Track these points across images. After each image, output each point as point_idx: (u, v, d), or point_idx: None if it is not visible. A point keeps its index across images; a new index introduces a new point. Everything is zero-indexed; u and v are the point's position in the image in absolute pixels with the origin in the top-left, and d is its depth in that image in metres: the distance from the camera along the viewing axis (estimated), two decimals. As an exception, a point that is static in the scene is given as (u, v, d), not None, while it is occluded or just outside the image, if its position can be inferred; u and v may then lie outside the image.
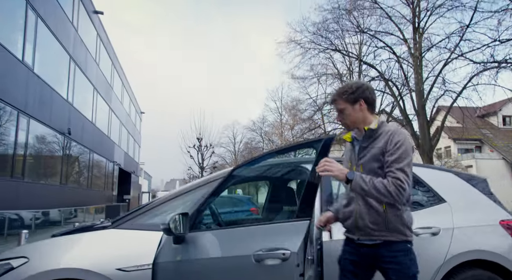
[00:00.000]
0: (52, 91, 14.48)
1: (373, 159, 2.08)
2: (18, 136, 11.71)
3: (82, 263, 2.30)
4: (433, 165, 11.12)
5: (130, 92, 36.02)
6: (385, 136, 2.09)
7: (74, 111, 17.53)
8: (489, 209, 2.99)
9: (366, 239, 2.10)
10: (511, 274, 2.71)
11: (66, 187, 16.65)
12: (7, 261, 2.32)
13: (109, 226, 2.57)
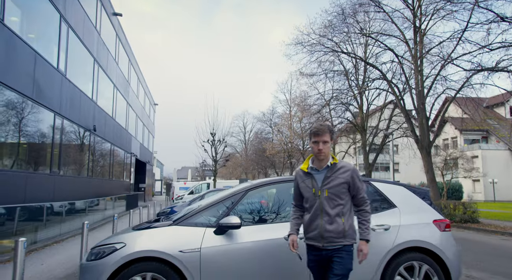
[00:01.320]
0: (80, 93, 15.95)
1: (339, 186, 2.92)
2: (55, 135, 13.22)
3: (158, 246, 3.69)
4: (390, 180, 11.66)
5: (144, 86, 37.47)
6: (347, 171, 2.96)
7: (98, 109, 19.02)
8: (427, 212, 4.33)
9: (329, 245, 2.88)
10: (435, 255, 4.06)
11: (92, 179, 18.25)
12: (113, 245, 3.74)
13: (171, 224, 3.96)
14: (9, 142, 10.38)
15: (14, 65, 9.92)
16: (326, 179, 2.92)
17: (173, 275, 3.64)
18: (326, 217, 2.87)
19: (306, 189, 2.99)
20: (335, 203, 2.88)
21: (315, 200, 2.91)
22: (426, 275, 4.06)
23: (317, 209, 2.90)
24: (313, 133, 2.98)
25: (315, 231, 2.90)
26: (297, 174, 3.13)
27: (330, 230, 2.86)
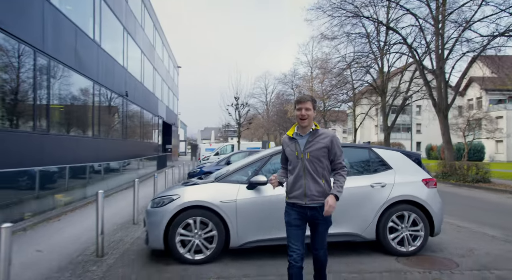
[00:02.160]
0: (113, 61, 17.07)
1: (319, 150, 3.19)
2: (94, 103, 14.54)
3: (205, 197, 4.87)
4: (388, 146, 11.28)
5: (168, 49, 38.26)
6: (327, 137, 3.23)
7: (129, 75, 20.18)
8: (417, 172, 5.34)
9: (312, 203, 3.17)
10: (422, 206, 5.10)
11: (126, 141, 19.78)
12: (170, 196, 4.95)
13: (213, 181, 5.12)
14: (61, 110, 11.69)
15: (60, 39, 11.02)
16: (308, 143, 3.20)
17: (215, 219, 4.83)
18: (309, 177, 3.17)
19: (291, 153, 3.28)
20: (315, 165, 3.15)
21: (298, 162, 3.19)
22: (413, 221, 5.13)
23: (300, 170, 3.18)
24: (297, 101, 3.26)
25: (299, 190, 3.20)
26: (284, 140, 3.45)
27: (313, 189, 3.15)
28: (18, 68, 8.97)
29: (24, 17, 8.88)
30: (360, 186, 5.10)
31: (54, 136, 10.64)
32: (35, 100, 9.52)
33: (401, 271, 4.48)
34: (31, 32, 9.21)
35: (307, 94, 3.37)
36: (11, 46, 8.44)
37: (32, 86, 9.40)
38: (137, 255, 5.25)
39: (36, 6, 9.55)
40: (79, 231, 6.88)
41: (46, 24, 9.98)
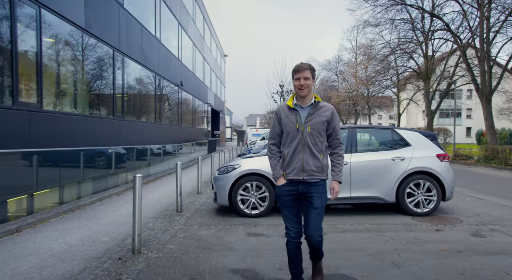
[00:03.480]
0: (171, 55, 18.93)
1: (320, 123, 3.01)
2: (156, 91, 16.45)
3: (259, 167, 6.31)
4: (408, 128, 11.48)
5: (216, 40, 40.04)
6: (328, 110, 3.06)
7: (183, 66, 22.06)
8: (432, 149, 6.45)
9: (309, 178, 2.99)
10: (435, 177, 6.24)
11: (181, 127, 21.78)
12: (233, 165, 6.46)
13: (265, 155, 6.55)
14: (130, 99, 13.62)
15: (131, 38, 12.85)
16: (310, 115, 3.02)
17: (267, 183, 6.28)
18: (308, 151, 2.99)
19: (290, 124, 3.05)
20: (316, 139, 3.00)
21: (297, 135, 3.00)
22: (428, 188, 6.29)
23: (300, 143, 2.99)
24: (295, 70, 3.04)
25: (297, 165, 3.01)
26: (281, 109, 3.17)
27: (312, 164, 2.98)
28: (101, 65, 10.85)
29: (106, 22, 10.70)
30: (383, 159, 6.32)
31: (127, 121, 12.57)
32: (114, 91, 11.42)
33: (412, 224, 5.70)
34: (111, 34, 11.04)
35: (304, 63, 3.06)
36: (98, 47, 10.30)
37: (112, 80, 11.29)
38: (207, 211, 6.84)
39: (114, 12, 11.36)
40: (157, 197, 8.63)
41: (121, 26, 11.80)
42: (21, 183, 6.27)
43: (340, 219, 6.07)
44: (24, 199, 6.34)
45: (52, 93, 7.80)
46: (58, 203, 7.34)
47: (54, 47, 7.78)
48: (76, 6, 8.50)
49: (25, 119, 6.50)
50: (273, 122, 3.24)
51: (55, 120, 7.53)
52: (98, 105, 10.69)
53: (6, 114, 6.04)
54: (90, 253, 4.38)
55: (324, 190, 3.05)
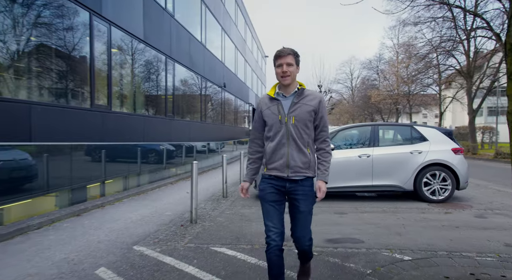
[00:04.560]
0: (215, 59, 20.37)
1: (306, 113, 2.66)
2: (201, 93, 17.91)
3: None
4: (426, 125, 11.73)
5: (257, 41, 41.34)
6: (315, 99, 2.71)
7: (226, 69, 23.47)
8: (448, 143, 7.22)
9: (295, 175, 2.65)
10: (450, 168, 7.02)
11: (223, 126, 23.21)
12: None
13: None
14: (179, 100, 15.13)
15: (180, 46, 14.32)
16: (294, 105, 2.69)
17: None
18: (294, 145, 2.66)
19: (272, 116, 2.72)
20: (301, 131, 2.67)
21: (281, 127, 2.67)
22: (443, 178, 7.08)
23: (283, 137, 2.66)
24: (276, 56, 2.72)
25: (280, 160, 2.67)
26: (262, 101, 2.86)
27: (297, 159, 2.66)
28: (155, 71, 12.35)
29: (159, 33, 12.18)
30: (402, 152, 7.18)
31: (176, 121, 14.05)
32: (166, 93, 12.91)
33: (426, 208, 6.54)
34: (164, 43, 12.52)
35: (286, 47, 2.74)
36: (153, 55, 11.79)
37: (165, 84, 12.78)
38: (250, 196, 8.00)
39: (166, 23, 12.84)
40: (206, 186, 9.93)
41: (172, 35, 13.27)
42: (96, 173, 7.76)
43: (362, 203, 7.02)
44: (98, 186, 7.82)
45: (117, 96, 9.28)
46: (125, 188, 8.81)
47: (119, 57, 9.27)
48: (137, 21, 9.96)
49: (99, 118, 7.98)
50: (254, 117, 2.89)
51: (120, 119, 9.00)
52: (153, 106, 12.19)
53: (86, 114, 7.52)
54: (159, 221, 5.67)
55: (311, 191, 2.70)
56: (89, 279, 3.34)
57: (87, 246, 4.34)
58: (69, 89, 7.30)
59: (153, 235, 4.82)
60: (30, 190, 5.76)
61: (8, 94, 5.60)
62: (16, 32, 5.78)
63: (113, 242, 4.49)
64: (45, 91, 6.50)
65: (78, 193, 7.01)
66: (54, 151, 6.39)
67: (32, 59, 6.19)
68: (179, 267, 3.62)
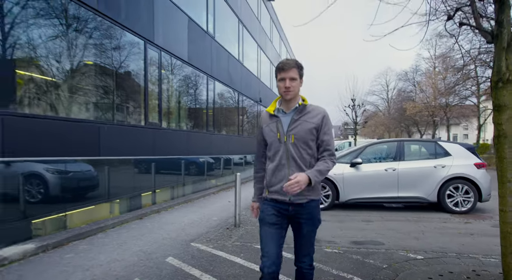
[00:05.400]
0: (251, 74, 21.50)
1: (307, 132, 2.47)
2: (238, 108, 19.00)
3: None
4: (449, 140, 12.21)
5: (291, 54, 42.37)
6: (318, 115, 2.51)
7: (262, 84, 24.56)
8: (470, 158, 7.76)
9: (297, 199, 2.49)
10: (472, 181, 7.54)
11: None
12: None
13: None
14: (219, 115, 16.26)
15: (220, 65, 15.50)
16: (293, 122, 2.52)
17: (330, 184, 8.08)
18: (294, 166, 2.48)
19: (270, 134, 2.57)
20: (301, 151, 2.48)
21: (279, 146, 2.51)
22: (466, 191, 7.61)
23: (283, 157, 2.50)
24: (279, 68, 2.52)
25: (281, 183, 2.49)
26: (263, 118, 2.70)
27: None
28: (197, 89, 13.53)
29: (201, 54, 13.37)
30: (427, 166, 7.79)
31: (216, 135, 15.15)
32: (207, 110, 14.05)
33: (447, 218, 7.11)
34: (205, 63, 13.70)
35: (290, 59, 2.59)
36: (195, 75, 12.97)
37: (206, 101, 13.93)
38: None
39: (208, 44, 14.04)
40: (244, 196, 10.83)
41: (212, 55, 14.46)
42: (148, 183, 8.87)
43: (388, 213, 7.67)
44: (150, 195, 8.93)
45: (165, 114, 10.44)
46: (172, 198, 9.90)
47: (167, 78, 10.45)
48: (182, 45, 11.13)
49: (151, 135, 9.11)
50: (257, 134, 2.75)
51: (168, 135, 10.12)
52: (195, 122, 13.34)
53: (140, 131, 8.66)
54: (207, 225, 6.62)
55: (315, 214, 2.57)
56: (163, 264, 4.31)
57: (155, 241, 5.34)
58: (128, 109, 8.50)
59: (204, 235, 5.76)
60: (95, 198, 6.86)
61: (82, 116, 6.80)
62: (87, 63, 7.02)
63: (174, 239, 5.47)
64: (110, 112, 7.69)
65: (135, 200, 8.11)
66: (112, 163, 7.52)
67: (99, 84, 7.41)
68: (230, 258, 4.52)
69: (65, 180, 5.91)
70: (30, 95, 5.47)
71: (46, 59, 5.79)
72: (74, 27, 6.40)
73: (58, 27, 6.00)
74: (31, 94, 5.50)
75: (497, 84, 2.79)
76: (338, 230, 6.10)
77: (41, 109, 5.68)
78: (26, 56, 5.41)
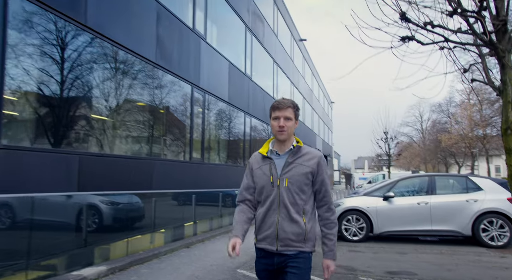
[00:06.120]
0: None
1: (302, 176, 2.31)
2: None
3: (358, 204, 8.55)
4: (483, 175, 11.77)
5: (323, 88, 43.24)
6: (313, 159, 2.35)
7: (294, 118, 25.32)
8: (503, 193, 7.93)
9: (285, 249, 2.28)
10: (507, 216, 7.69)
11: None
12: (338, 202, 8.82)
13: (362, 195, 8.78)
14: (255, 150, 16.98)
15: (255, 102, 16.39)
16: (288, 165, 2.36)
17: (364, 217, 8.44)
18: (284, 213, 2.31)
19: (263, 177, 2.39)
20: (295, 197, 2.32)
21: (272, 190, 2.34)
22: (501, 225, 7.76)
23: (274, 202, 2.33)
24: (274, 107, 2.41)
25: (269, 230, 2.33)
26: (253, 159, 2.53)
27: (288, 230, 2.29)
28: (235, 126, 14.37)
29: (240, 94, 14.30)
30: (459, 201, 8.04)
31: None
32: (244, 144, 14.82)
33: (482, 252, 7.27)
34: (243, 102, 14.60)
35: (286, 98, 2.50)
36: (235, 113, 13.85)
37: (243, 137, 14.72)
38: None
39: (246, 85, 15.01)
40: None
41: (249, 95, 15.39)
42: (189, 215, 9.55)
43: (423, 246, 7.91)
44: (192, 225, 9.58)
45: (207, 149, 11.23)
46: (211, 228, 10.50)
47: (209, 117, 11.33)
48: (223, 87, 12.04)
49: (194, 169, 9.87)
50: (244, 176, 2.55)
51: (209, 169, 10.87)
52: (233, 156, 14.10)
53: (185, 166, 9.44)
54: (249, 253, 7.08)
55: (306, 266, 2.33)
56: (214, 287, 4.87)
57: (204, 267, 5.93)
58: (176, 146, 9.36)
59: (248, 263, 6.28)
60: (144, 227, 7.52)
61: (141, 154, 7.66)
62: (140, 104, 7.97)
63: (221, 266, 6.03)
64: (161, 149, 8.55)
65: (179, 230, 8.76)
66: (157, 195, 8.25)
67: (152, 124, 8.31)
68: (273, 284, 5.01)
69: (120, 211, 6.68)
70: (99, 137, 6.37)
71: (116, 107, 6.75)
72: (134, 75, 7.39)
73: (125, 78, 6.99)
74: (101, 136, 6.41)
75: (506, 132, 3.29)
76: (372, 260, 6.46)
77: (108, 148, 6.56)
78: (99, 104, 6.37)
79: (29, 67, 4.91)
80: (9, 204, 4.62)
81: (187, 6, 9.82)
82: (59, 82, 5.41)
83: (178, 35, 8.95)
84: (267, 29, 18.64)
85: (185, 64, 9.26)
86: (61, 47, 5.43)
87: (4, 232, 4.60)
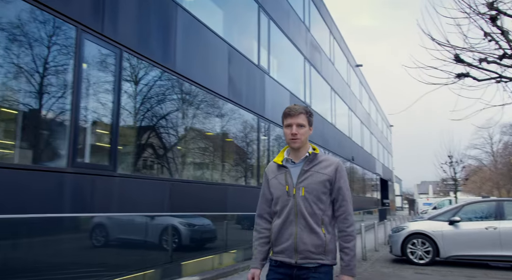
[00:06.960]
0: (343, 135, 22.61)
1: (319, 184, 2.21)
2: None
3: (423, 228, 8.71)
4: None
5: (381, 112, 42.68)
6: (330, 166, 2.26)
7: (353, 143, 25.40)
8: None
9: (305, 262, 2.15)
10: None
11: (354, 196, 24.53)
12: (403, 226, 9.04)
13: (427, 219, 8.92)
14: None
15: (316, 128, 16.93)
16: (304, 173, 2.26)
17: (430, 241, 8.56)
18: (303, 224, 2.20)
19: (278, 187, 2.31)
20: (313, 206, 2.21)
21: (288, 200, 2.25)
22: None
23: (291, 212, 2.23)
24: (285, 114, 2.32)
25: (287, 242, 2.21)
26: (269, 168, 2.45)
27: (308, 242, 2.17)
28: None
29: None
30: None
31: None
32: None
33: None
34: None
35: (298, 105, 2.42)
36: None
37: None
38: (385, 260, 9.41)
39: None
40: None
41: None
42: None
43: (493, 272, 7.85)
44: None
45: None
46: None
47: (273, 144, 12.08)
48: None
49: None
50: (262, 187, 2.47)
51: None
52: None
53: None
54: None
55: (327, 279, 2.20)
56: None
57: None
58: (245, 173, 10.18)
59: None
60: (218, 247, 8.20)
61: (217, 180, 8.55)
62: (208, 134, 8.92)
63: None
64: (232, 176, 9.39)
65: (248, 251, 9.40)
66: (226, 218, 8.90)
67: (227, 154, 9.21)
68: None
69: (196, 232, 7.51)
70: (185, 166, 7.35)
71: (199, 139, 7.75)
72: (211, 111, 8.39)
73: (202, 112, 8.01)
74: (186, 165, 7.38)
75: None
76: (440, 283, 6.64)
77: (190, 174, 7.52)
78: (188, 138, 7.38)
79: (137, 111, 6.01)
80: (103, 224, 5.29)
81: (252, 45, 10.86)
82: (155, 121, 6.48)
83: (246, 72, 9.95)
84: (324, 57, 19.41)
85: (252, 97, 10.18)
86: (158, 92, 6.55)
87: (102, 249, 5.54)
